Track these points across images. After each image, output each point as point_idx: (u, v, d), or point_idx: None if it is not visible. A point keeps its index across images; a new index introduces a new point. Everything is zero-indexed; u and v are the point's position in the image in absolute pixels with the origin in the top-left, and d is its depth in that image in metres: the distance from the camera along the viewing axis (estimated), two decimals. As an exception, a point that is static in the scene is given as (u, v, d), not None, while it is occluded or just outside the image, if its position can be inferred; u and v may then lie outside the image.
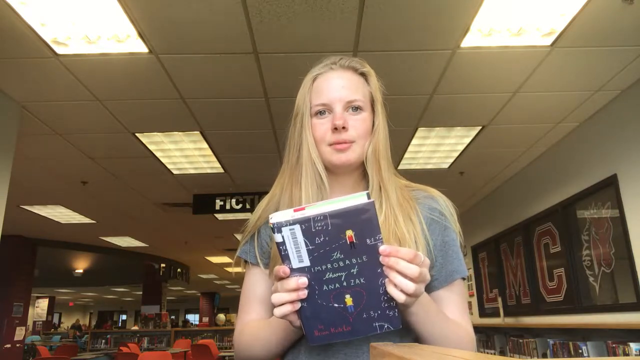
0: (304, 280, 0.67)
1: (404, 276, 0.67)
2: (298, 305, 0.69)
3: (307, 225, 0.64)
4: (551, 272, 4.69)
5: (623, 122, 3.53)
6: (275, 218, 0.65)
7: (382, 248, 0.66)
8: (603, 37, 2.83)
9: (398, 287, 0.67)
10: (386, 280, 0.68)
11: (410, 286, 0.67)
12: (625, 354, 3.33)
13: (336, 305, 0.69)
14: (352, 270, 0.67)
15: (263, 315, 0.92)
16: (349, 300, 0.68)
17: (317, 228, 0.64)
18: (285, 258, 0.67)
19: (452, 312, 0.86)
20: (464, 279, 0.90)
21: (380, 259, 0.66)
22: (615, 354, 3.46)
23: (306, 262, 0.67)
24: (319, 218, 0.64)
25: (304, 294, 0.68)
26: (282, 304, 0.69)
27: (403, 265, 0.66)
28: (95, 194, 5.74)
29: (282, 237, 0.65)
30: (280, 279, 0.69)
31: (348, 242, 0.65)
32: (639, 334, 3.32)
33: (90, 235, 8.18)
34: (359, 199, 0.64)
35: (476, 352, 0.86)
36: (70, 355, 7.94)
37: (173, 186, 5.57)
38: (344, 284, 0.68)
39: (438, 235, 0.89)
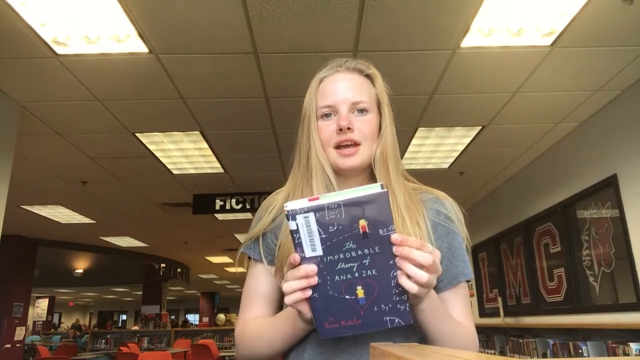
0: (312, 267, 0.68)
1: (417, 265, 0.67)
2: (309, 293, 0.69)
3: (321, 214, 0.65)
4: (551, 272, 4.69)
5: (623, 122, 3.53)
6: (290, 206, 0.66)
7: (395, 236, 0.66)
8: (603, 37, 2.83)
9: (411, 277, 0.67)
10: (398, 272, 0.68)
11: (424, 276, 0.67)
12: (625, 354, 3.33)
13: (347, 296, 0.69)
14: (364, 261, 0.67)
15: (266, 313, 0.92)
16: (360, 292, 0.69)
17: (330, 216, 0.65)
18: (298, 246, 0.67)
19: (456, 314, 0.86)
20: (468, 281, 0.91)
21: (394, 249, 0.67)
22: (615, 354, 3.46)
23: (319, 251, 0.67)
24: (333, 206, 0.65)
25: (314, 280, 0.68)
26: (293, 292, 0.69)
27: (417, 254, 0.67)
28: (95, 194, 5.74)
29: (297, 224, 0.66)
30: (292, 266, 0.69)
31: (361, 232, 0.66)
32: (639, 334, 3.32)
33: (90, 235, 8.18)
34: (373, 189, 0.65)
35: (477, 352, 0.87)
36: (70, 355, 7.94)
37: (173, 186, 5.57)
38: (356, 274, 0.68)
39: (444, 239, 0.89)
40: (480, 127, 4.09)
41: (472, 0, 2.49)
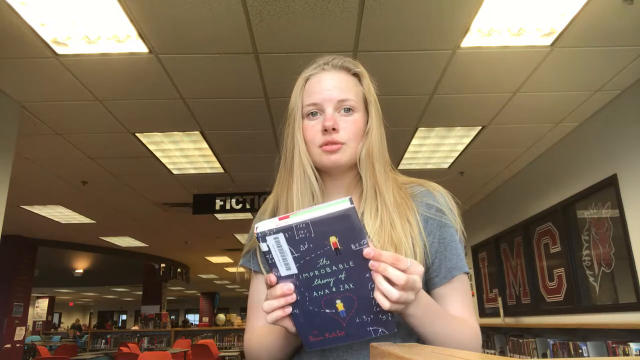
0: (289, 286, 0.68)
1: (389, 282, 0.66)
2: (289, 310, 0.69)
3: (291, 234, 0.65)
4: (551, 272, 4.69)
5: (623, 122, 3.53)
6: (260, 228, 0.65)
7: (367, 251, 0.65)
8: (603, 37, 2.83)
9: (382, 293, 0.66)
10: (374, 286, 0.67)
11: (394, 293, 0.66)
12: (625, 354, 3.33)
13: (328, 310, 0.69)
14: (340, 276, 0.67)
15: None
16: (340, 305, 0.69)
17: (300, 236, 0.65)
18: (272, 266, 0.67)
19: (455, 309, 0.85)
20: (467, 274, 0.89)
21: (369, 263, 0.66)
22: (615, 354, 3.46)
23: (293, 270, 0.67)
24: (301, 226, 0.64)
25: (292, 298, 0.68)
26: (273, 311, 0.70)
27: (390, 272, 0.66)
28: (95, 194, 5.74)
29: (267, 246, 0.65)
30: (269, 286, 0.70)
31: (333, 249, 0.65)
32: (639, 334, 3.32)
33: (90, 235, 8.18)
34: (340, 204, 0.64)
35: (481, 347, 0.86)
36: (70, 355, 7.94)
37: (173, 186, 5.57)
38: (333, 289, 0.68)
39: (436, 233, 0.88)
40: (480, 127, 4.09)
41: (472, 0, 2.49)
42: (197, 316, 23.07)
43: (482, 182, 5.71)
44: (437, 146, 4.52)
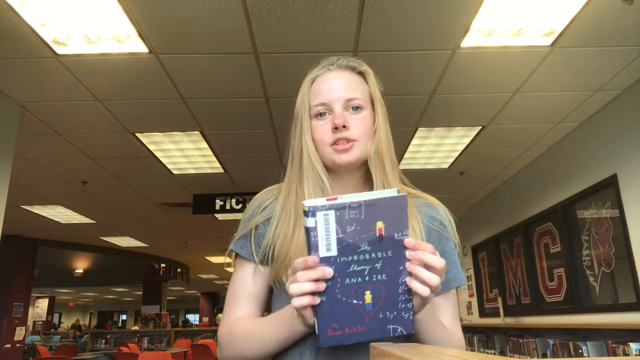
0: (329, 270, 0.65)
1: (428, 269, 0.67)
2: (318, 300, 0.67)
3: (342, 212, 0.65)
4: (551, 272, 4.69)
5: (623, 122, 3.53)
6: (310, 202, 0.65)
7: (407, 240, 0.66)
8: (603, 37, 2.83)
9: (423, 280, 0.67)
10: (407, 278, 0.68)
11: (435, 279, 0.67)
12: (625, 354, 3.33)
13: (355, 301, 0.68)
14: (376, 265, 0.67)
15: (253, 313, 0.90)
16: (368, 297, 0.68)
17: (350, 216, 0.65)
18: (313, 245, 0.65)
19: (445, 320, 0.87)
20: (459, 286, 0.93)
21: (407, 253, 0.67)
22: (615, 354, 3.46)
23: (333, 252, 0.66)
24: (354, 205, 0.65)
25: (322, 286, 0.66)
26: (302, 294, 0.66)
27: (429, 257, 0.67)
28: (95, 194, 5.74)
29: (315, 222, 0.64)
30: (307, 268, 0.66)
31: (377, 234, 0.66)
32: (639, 334, 3.32)
33: (90, 235, 8.18)
34: (391, 192, 0.66)
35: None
36: (70, 355, 7.94)
37: (173, 186, 5.57)
38: (367, 278, 0.68)
39: (437, 245, 0.89)
40: (480, 127, 4.09)
41: (472, 0, 2.49)
42: (197, 316, 23.08)
43: (482, 182, 5.71)
44: (437, 146, 4.52)
